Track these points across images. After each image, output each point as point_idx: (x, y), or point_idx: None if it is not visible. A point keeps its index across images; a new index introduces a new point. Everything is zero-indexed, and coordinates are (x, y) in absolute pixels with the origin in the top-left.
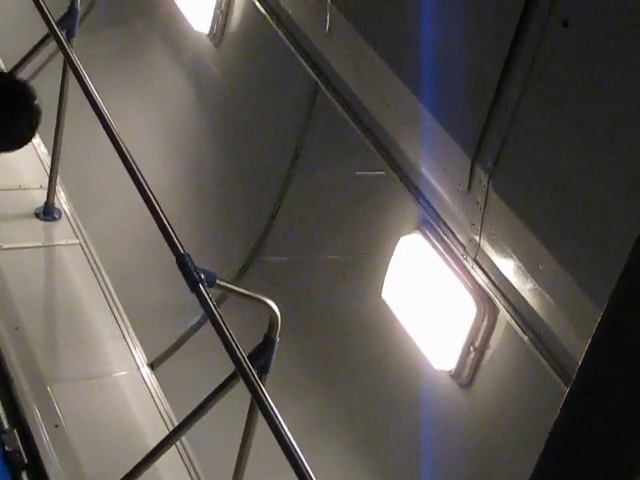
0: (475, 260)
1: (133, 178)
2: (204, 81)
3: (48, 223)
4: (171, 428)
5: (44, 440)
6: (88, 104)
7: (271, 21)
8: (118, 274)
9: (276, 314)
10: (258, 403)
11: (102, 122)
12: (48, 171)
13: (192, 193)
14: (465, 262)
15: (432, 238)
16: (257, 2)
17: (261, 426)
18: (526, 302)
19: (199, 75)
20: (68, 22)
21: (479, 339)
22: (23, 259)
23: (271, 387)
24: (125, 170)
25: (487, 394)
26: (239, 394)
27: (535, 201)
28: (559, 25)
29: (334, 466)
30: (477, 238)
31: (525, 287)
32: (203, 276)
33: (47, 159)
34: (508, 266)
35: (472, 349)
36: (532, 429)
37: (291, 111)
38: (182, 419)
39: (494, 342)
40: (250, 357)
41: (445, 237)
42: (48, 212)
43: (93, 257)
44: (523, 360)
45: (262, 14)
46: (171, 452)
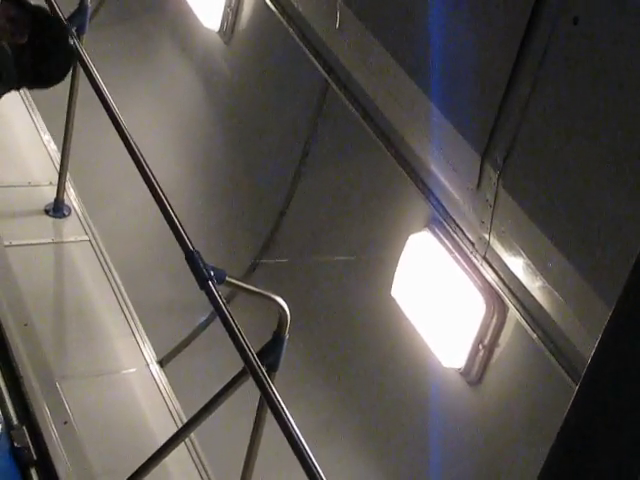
0: (484, 258)
1: (143, 175)
2: (214, 78)
3: (58, 220)
4: (180, 425)
5: (53, 437)
6: (98, 101)
7: (281, 18)
8: (127, 271)
9: (285, 312)
10: (267, 400)
11: (112, 119)
12: (58, 168)
13: (201, 190)
14: (474, 260)
15: (441, 236)
16: None
17: (270, 423)
18: (535, 300)
19: (209, 72)
20: (78, 19)
21: (488, 337)
22: (33, 256)
23: (280, 385)
24: (135, 167)
25: (496, 392)
26: (248, 391)
27: (544, 199)
28: (569, 22)
29: (343, 463)
30: (486, 236)
31: (534, 285)
32: (212, 273)
33: (57, 156)
34: (517, 264)
35: (481, 347)
36: (541, 427)
37: (301, 108)
38: (191, 416)
39: (503, 340)
40: (259, 354)
41: (454, 235)
42: (58, 209)
43: (102, 254)
44: (532, 358)
45: (272, 11)
46: (180, 449)
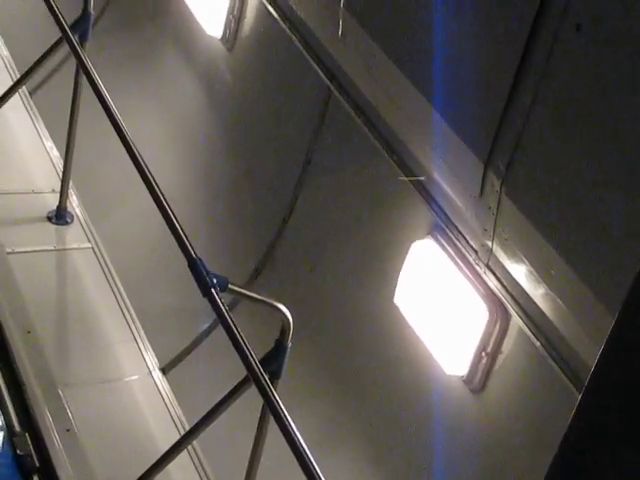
0: (487, 265)
1: (145, 182)
2: (217, 85)
3: (60, 227)
4: (182, 432)
5: (55, 444)
6: (101, 108)
7: (284, 25)
8: (130, 278)
9: (288, 319)
10: (270, 408)
11: (114, 126)
12: (60, 175)
13: (204, 197)
14: (477, 267)
15: (444, 243)
16: (270, 6)
17: (272, 431)
18: (538, 307)
19: (212, 79)
20: (81, 26)
21: (491, 344)
22: (35, 263)
23: (283, 392)
24: (137, 174)
25: (499, 399)
26: (251, 399)
27: (547, 206)
28: (572, 29)
29: (346, 471)
30: (489, 243)
31: (537, 292)
32: (215, 281)
33: (59, 163)
34: (520, 271)
35: (484, 354)
36: (544, 434)
37: (303, 115)
38: (194, 423)
39: (506, 347)
40: (262, 362)
41: (457, 242)
42: (60, 216)
43: (105, 261)
44: (535, 365)
45: (275, 18)
46: (182, 456)
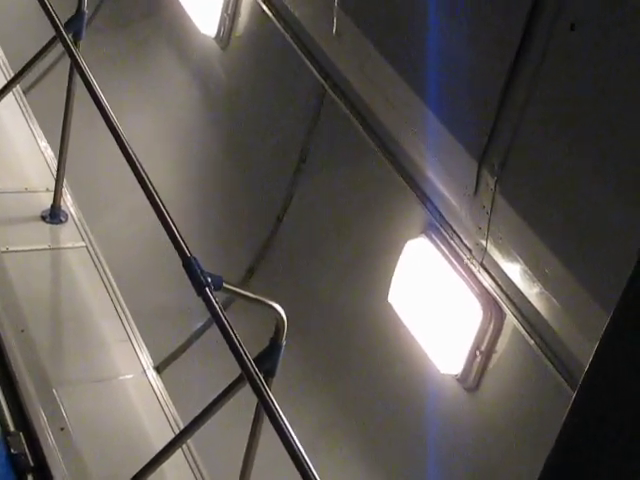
0: (481, 264)
1: (139, 181)
2: (211, 84)
3: (54, 226)
4: (177, 431)
5: (50, 443)
6: (95, 107)
7: (278, 24)
8: (124, 277)
9: (282, 318)
10: (264, 407)
11: (108, 125)
12: (55, 174)
13: (198, 196)
14: (471, 266)
15: (438, 242)
16: (264, 5)
17: (267, 430)
18: (532, 306)
19: (206, 78)
20: (75, 25)
21: (485, 343)
22: (29, 262)
23: (277, 391)
24: (132, 173)
25: (493, 398)
26: (245, 398)
27: (542, 205)
28: (566, 28)
29: (340, 469)
30: (483, 242)
31: (531, 291)
32: (210, 280)
33: (54, 162)
34: (514, 270)
35: (478, 353)
36: (539, 433)
37: (298, 114)
38: (188, 422)
39: (500, 346)
40: (256, 361)
41: (451, 241)
42: (54, 215)
43: (99, 260)
44: (529, 364)
45: (269, 17)
46: (177, 455)
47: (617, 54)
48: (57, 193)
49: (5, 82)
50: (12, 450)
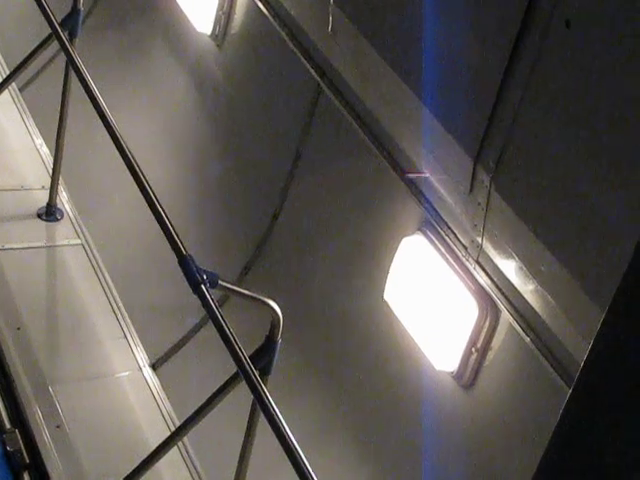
0: (477, 261)
1: (135, 179)
2: (206, 82)
3: (50, 223)
4: (173, 429)
5: (46, 440)
6: (90, 104)
7: (273, 22)
8: (120, 275)
9: (278, 315)
10: (260, 404)
11: (104, 123)
12: (50, 172)
13: (194, 194)
14: (467, 263)
15: (434, 239)
16: (259, 3)
17: (263, 427)
18: (528, 303)
19: (201, 76)
20: (70, 22)
21: (481, 340)
22: (25, 259)
23: (273, 388)
24: (127, 171)
25: (489, 395)
26: (241, 395)
27: (537, 202)
28: (561, 26)
29: (336, 466)
30: (479, 239)
31: (527, 288)
32: (205, 277)
33: (49, 160)
34: (510, 267)
35: (474, 350)
36: (534, 430)
37: (293, 112)
38: (184, 420)
39: (496, 343)
40: (252, 358)
41: (447, 238)
42: (50, 212)
43: (95, 258)
44: (525, 361)
45: (264, 15)
46: (173, 453)
47: (612, 51)
48: (53, 191)
49: (1, 80)
50: (8, 447)
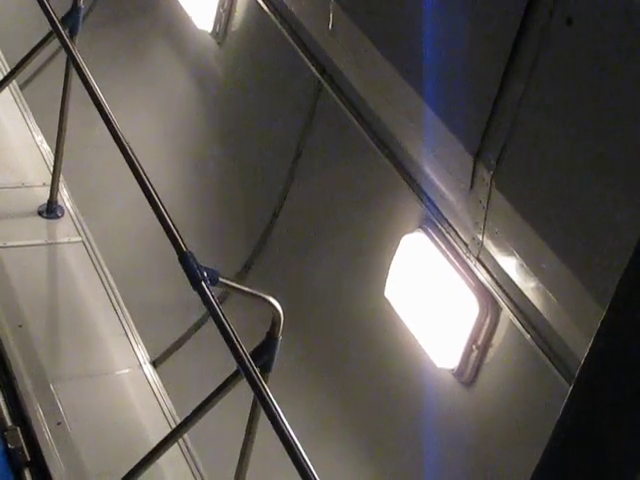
0: (478, 258)
1: (136, 176)
2: (207, 79)
3: (51, 221)
4: (173, 426)
5: (47, 438)
6: (91, 102)
7: (274, 19)
8: (121, 272)
9: (279, 312)
10: (260, 401)
11: (105, 120)
12: (51, 169)
13: (195, 191)
14: (468, 260)
15: (435, 237)
16: (260, 0)
17: (263, 424)
18: (529, 300)
19: (202, 73)
20: (71, 20)
21: (481, 337)
22: (26, 257)
23: (273, 385)
24: (128, 168)
25: (490, 392)
26: (241, 392)
27: (538, 199)
28: (563, 23)
29: (337, 464)
30: (480, 236)
31: (528, 285)
32: (206, 274)
33: (50, 157)
34: (511, 264)
35: (475, 347)
36: (535, 427)
37: (294, 109)
38: (184, 417)
39: (497, 340)
40: (253, 355)
41: (448, 235)
42: (51, 210)
43: (96, 255)
44: (526, 358)
45: (265, 12)
46: (173, 450)
47: (614, 48)
48: (53, 188)
49: (1, 77)
50: (9, 445)
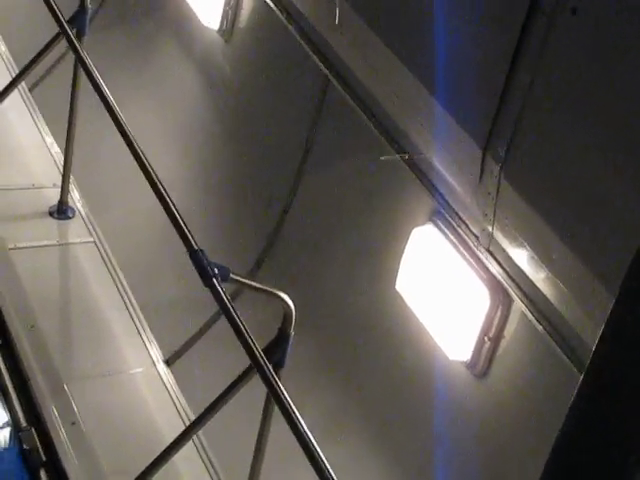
0: (488, 250)
1: (146, 175)
2: (214, 77)
3: (62, 222)
4: (187, 423)
5: (61, 438)
6: (100, 102)
7: (280, 15)
8: (132, 271)
9: (290, 308)
10: (274, 397)
11: (114, 120)
12: (61, 170)
13: (204, 188)
14: (478, 252)
15: (445, 229)
16: None
17: (277, 420)
18: (540, 291)
19: (209, 71)
20: (79, 21)
21: (493, 329)
22: (38, 258)
23: (286, 381)
24: (137, 167)
25: (502, 384)
26: (255, 388)
27: (547, 190)
28: (568, 13)
29: (351, 458)
30: (490, 228)
31: (539, 276)
32: (217, 271)
33: (60, 158)
34: (521, 256)
35: (487, 339)
36: (547, 417)
37: (302, 105)
38: (198, 414)
39: (508, 332)
40: (265, 351)
41: (458, 228)
42: (62, 211)
43: (107, 255)
44: (537, 349)
45: (271, 9)
46: (188, 447)
47: (619, 38)
48: (64, 189)
49: (10, 79)
50: (24, 446)
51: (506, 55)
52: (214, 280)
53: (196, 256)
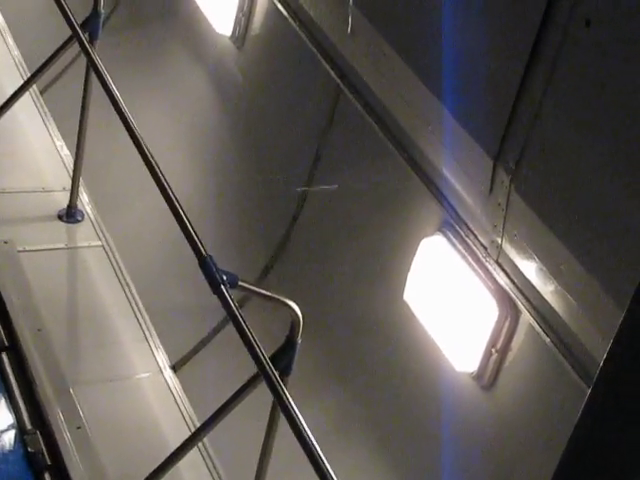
0: (497, 262)
1: (155, 180)
2: (226, 83)
3: (71, 225)
4: (193, 429)
5: (67, 442)
6: (111, 106)
7: (293, 23)
8: (141, 276)
9: (298, 315)
10: (280, 405)
11: (124, 124)
12: (71, 173)
13: (214, 195)
14: (487, 264)
15: (454, 240)
16: (279, 4)
17: (283, 427)
18: (548, 304)
19: (221, 77)
20: (91, 25)
21: (501, 341)
22: (46, 261)
23: (293, 389)
24: (147, 172)
25: (509, 396)
26: (261, 396)
27: (557, 202)
28: (581, 25)
29: (356, 468)
30: (499, 240)
31: (547, 289)
32: (225, 278)
33: (70, 161)
34: (530, 268)
35: (494, 351)
36: (554, 431)
37: (313, 113)
38: (204, 420)
39: (516, 344)
40: (272, 359)
41: (467, 239)
42: (71, 214)
43: (116, 259)
44: (545, 362)
45: (284, 16)
46: (193, 454)
47: (632, 50)
48: (73, 192)
49: (22, 82)
50: (29, 449)
51: (519, 66)
52: (222, 287)
53: (205, 262)
